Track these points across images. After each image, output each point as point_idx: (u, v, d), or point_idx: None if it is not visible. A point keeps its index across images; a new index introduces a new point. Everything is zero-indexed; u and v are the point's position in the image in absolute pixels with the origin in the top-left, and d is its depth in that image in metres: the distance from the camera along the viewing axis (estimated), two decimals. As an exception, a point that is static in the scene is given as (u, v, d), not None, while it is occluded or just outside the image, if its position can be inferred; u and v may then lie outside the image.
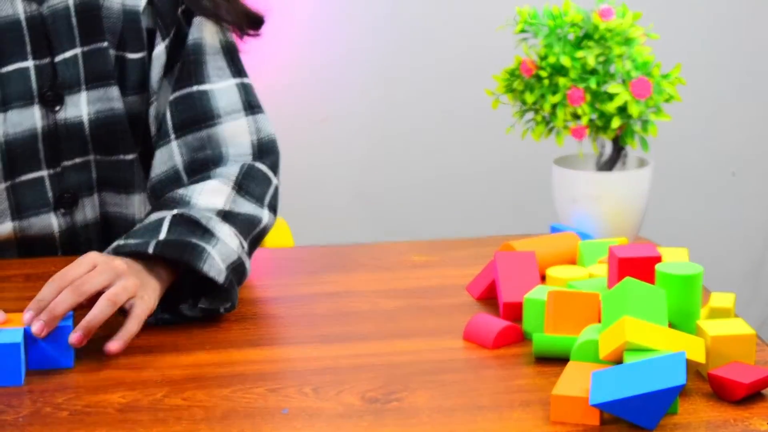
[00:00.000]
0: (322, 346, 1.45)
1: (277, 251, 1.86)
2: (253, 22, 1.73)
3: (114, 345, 1.39)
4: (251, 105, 1.69)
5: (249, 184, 1.62)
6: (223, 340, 1.47)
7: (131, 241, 1.50)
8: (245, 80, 1.70)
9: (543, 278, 1.57)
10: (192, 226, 1.53)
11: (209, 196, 1.58)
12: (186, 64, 1.67)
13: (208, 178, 1.62)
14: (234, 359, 1.42)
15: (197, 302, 1.51)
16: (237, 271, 1.52)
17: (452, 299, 1.58)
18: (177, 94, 1.67)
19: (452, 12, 2.83)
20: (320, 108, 2.80)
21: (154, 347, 1.44)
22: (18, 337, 1.35)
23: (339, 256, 1.76)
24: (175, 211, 1.55)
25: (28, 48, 1.67)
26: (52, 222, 1.72)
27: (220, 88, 1.67)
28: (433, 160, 2.90)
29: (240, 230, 1.57)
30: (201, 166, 1.64)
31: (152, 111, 1.71)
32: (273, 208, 1.65)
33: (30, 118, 1.67)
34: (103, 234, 1.75)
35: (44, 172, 1.70)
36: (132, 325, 1.41)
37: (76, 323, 1.40)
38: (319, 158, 2.79)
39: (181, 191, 1.59)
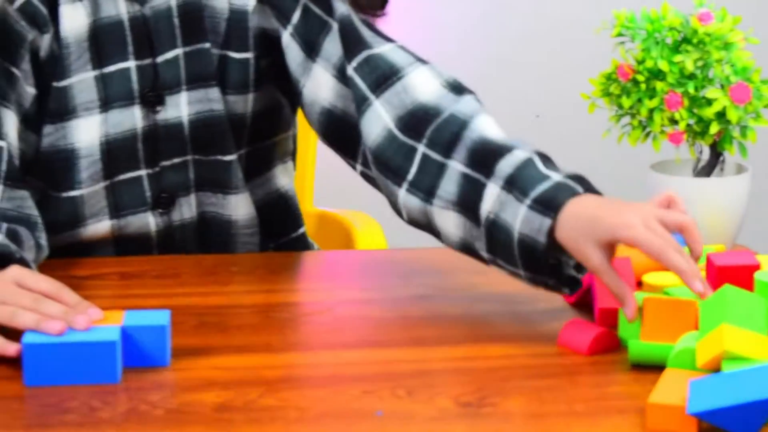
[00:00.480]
0: (416, 348, 1.45)
1: (370, 253, 1.86)
2: (378, 3, 1.71)
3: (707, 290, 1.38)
4: (418, 57, 1.66)
5: (462, 150, 1.56)
6: (316, 342, 1.47)
7: (554, 192, 1.47)
8: (399, 43, 1.68)
9: (639, 284, 1.56)
10: (545, 159, 1.53)
11: (492, 127, 1.58)
12: (346, 35, 1.64)
13: (468, 118, 1.59)
14: (328, 360, 1.42)
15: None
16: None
17: (546, 304, 1.57)
18: (358, 60, 1.64)
19: (549, 14, 2.82)
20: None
21: (247, 347, 1.44)
22: (115, 335, 1.36)
23: (432, 258, 1.76)
24: (527, 153, 1.53)
25: (131, 48, 1.68)
26: (149, 221, 1.73)
27: (388, 49, 1.65)
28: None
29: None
30: (410, 117, 1.61)
31: (305, 98, 1.68)
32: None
33: (130, 119, 1.69)
34: (199, 234, 1.76)
35: (143, 172, 1.71)
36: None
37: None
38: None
39: (480, 137, 1.56)
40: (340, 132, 1.67)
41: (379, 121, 1.62)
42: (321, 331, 1.50)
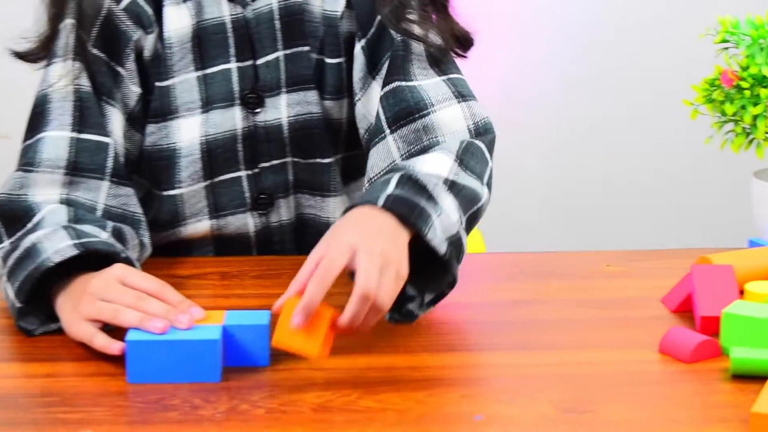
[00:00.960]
0: (515, 353, 1.45)
1: (469, 257, 1.85)
2: (461, 44, 1.70)
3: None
4: (462, 93, 1.66)
5: (469, 160, 1.58)
6: (416, 344, 1.47)
7: (362, 199, 1.47)
8: (452, 76, 1.67)
9: (741, 293, 1.54)
10: (418, 189, 1.48)
11: (433, 164, 1.54)
12: (393, 59, 1.65)
13: (427, 151, 1.59)
14: (427, 363, 1.42)
15: (422, 296, 1.48)
16: (455, 246, 1.47)
17: (647, 311, 1.56)
18: (386, 88, 1.65)
19: (652, 19, 2.80)
20: (510, 113, 2.79)
21: (347, 348, 1.44)
22: (216, 334, 1.37)
23: (531, 263, 1.76)
24: (402, 172, 1.51)
25: (232, 50, 1.69)
26: (248, 222, 1.74)
27: (428, 84, 1.65)
28: (626, 169, 2.87)
29: (461, 204, 1.52)
30: (418, 153, 1.62)
31: (358, 111, 1.70)
32: (490, 188, 1.62)
33: (231, 120, 1.70)
34: (296, 235, 1.77)
35: (242, 173, 1.72)
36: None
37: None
38: (509, 165, 2.78)
39: (403, 162, 1.57)
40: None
41: (387, 157, 1.63)
42: (421, 333, 1.50)
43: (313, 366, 1.40)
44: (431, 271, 1.48)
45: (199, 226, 1.73)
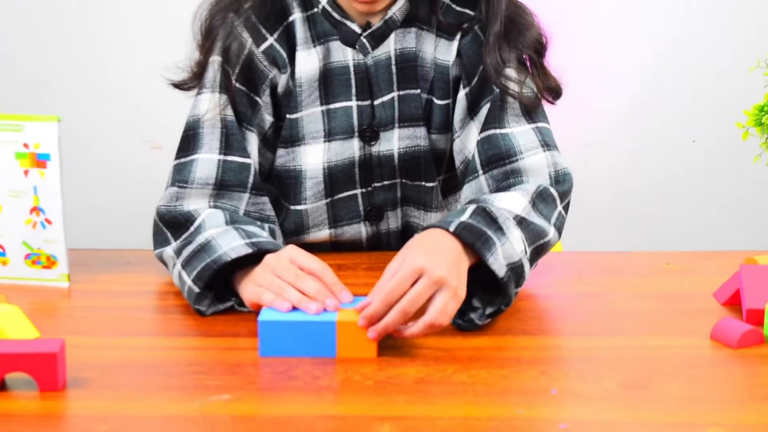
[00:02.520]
0: (586, 338, 1.46)
1: (548, 255, 1.86)
2: (552, 95, 1.71)
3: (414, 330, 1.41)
4: (547, 143, 1.67)
5: (540, 203, 1.61)
6: (501, 328, 1.48)
7: (438, 221, 1.51)
8: (540, 125, 1.68)
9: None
10: (489, 220, 1.52)
11: (509, 202, 1.57)
12: (491, 109, 1.66)
13: (508, 190, 1.63)
14: (510, 345, 1.44)
15: (484, 308, 1.50)
16: (516, 272, 1.51)
17: (700, 304, 1.56)
18: (483, 135, 1.66)
19: (707, 50, 2.78)
20: (581, 133, 2.79)
21: (443, 331, 1.46)
22: (333, 317, 1.39)
23: (601, 261, 1.76)
24: (479, 204, 1.54)
25: (353, 90, 1.70)
26: (362, 230, 1.77)
27: (519, 131, 1.66)
28: (683, 181, 2.86)
29: (527, 237, 1.55)
30: (504, 189, 1.65)
31: (456, 146, 1.71)
32: (558, 229, 1.64)
33: (350, 149, 1.72)
34: (402, 239, 1.78)
35: (357, 191, 1.74)
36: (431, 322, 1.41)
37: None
38: (582, 179, 2.78)
39: (484, 196, 1.60)
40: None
41: (479, 192, 1.65)
42: (505, 320, 1.51)
43: (415, 345, 1.42)
44: (494, 290, 1.51)
45: (320, 234, 1.76)
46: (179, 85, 1.71)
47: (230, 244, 1.53)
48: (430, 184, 1.75)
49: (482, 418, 1.24)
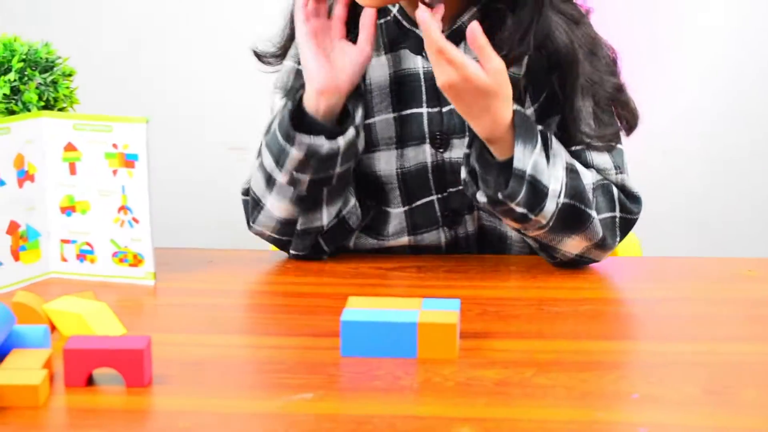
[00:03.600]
0: (666, 342, 1.44)
1: (627, 260, 1.85)
2: (628, 129, 1.71)
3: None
4: (618, 167, 1.67)
5: (599, 195, 1.62)
6: (581, 332, 1.47)
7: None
8: (616, 145, 1.68)
9: None
10: (546, 143, 1.58)
11: (578, 165, 1.62)
12: (567, 123, 1.65)
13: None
14: (590, 349, 1.42)
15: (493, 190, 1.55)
16: (534, 189, 1.56)
17: (781, 310, 1.54)
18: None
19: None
20: (659, 141, 2.77)
21: (523, 334, 1.46)
22: (414, 318, 1.39)
23: (681, 266, 1.74)
24: (553, 136, 1.60)
25: (424, 97, 1.71)
26: (440, 236, 1.76)
27: (595, 153, 1.66)
28: (766, 186, 2.82)
29: (568, 186, 1.59)
30: None
31: None
32: (605, 225, 1.64)
33: (422, 154, 1.72)
34: (479, 243, 1.78)
35: (434, 197, 1.74)
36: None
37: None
38: (662, 184, 2.76)
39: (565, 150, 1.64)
40: None
41: None
42: (584, 323, 1.50)
43: (495, 348, 1.42)
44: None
45: (400, 240, 1.76)
46: (260, 55, 1.75)
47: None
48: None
49: (562, 421, 1.23)
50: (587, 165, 1.66)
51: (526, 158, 1.54)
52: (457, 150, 1.71)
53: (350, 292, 1.49)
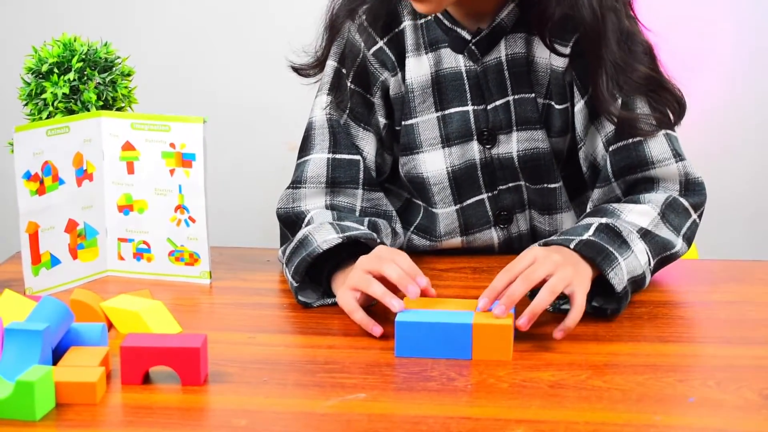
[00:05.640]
0: (724, 346, 1.42)
1: (684, 262, 1.83)
2: (675, 114, 1.67)
3: (558, 334, 1.42)
4: (678, 153, 1.65)
5: (670, 214, 1.60)
6: (637, 335, 1.46)
7: (560, 238, 1.52)
8: (670, 132, 1.66)
9: None
10: (613, 236, 1.52)
11: (637, 215, 1.58)
12: (622, 121, 1.63)
13: (639, 201, 1.61)
14: (647, 351, 1.41)
15: (593, 299, 1.51)
16: (636, 283, 1.52)
17: (841, 314, 1.52)
18: (616, 145, 1.64)
19: None
20: (714, 141, 2.74)
21: (578, 336, 1.44)
22: (469, 319, 1.38)
23: (737, 269, 1.72)
24: (603, 220, 1.55)
25: (468, 95, 1.69)
26: (493, 235, 1.75)
27: (653, 139, 1.64)
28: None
29: (652, 249, 1.56)
30: (635, 193, 1.64)
31: (582, 153, 1.69)
32: (688, 239, 1.62)
33: (470, 152, 1.71)
34: (533, 241, 1.76)
35: (484, 195, 1.73)
36: (575, 315, 1.43)
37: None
38: (716, 186, 2.73)
39: (615, 205, 1.60)
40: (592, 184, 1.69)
41: (611, 195, 1.65)
42: (640, 326, 1.48)
43: (549, 350, 1.40)
44: (610, 296, 1.51)
45: (453, 241, 1.75)
46: (298, 70, 1.75)
47: (324, 238, 1.55)
48: (553, 185, 1.72)
49: (618, 424, 1.22)
50: (646, 159, 1.63)
51: (620, 275, 1.49)
52: (505, 146, 1.70)
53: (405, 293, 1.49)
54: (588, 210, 1.66)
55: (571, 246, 1.49)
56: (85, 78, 1.69)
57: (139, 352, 1.30)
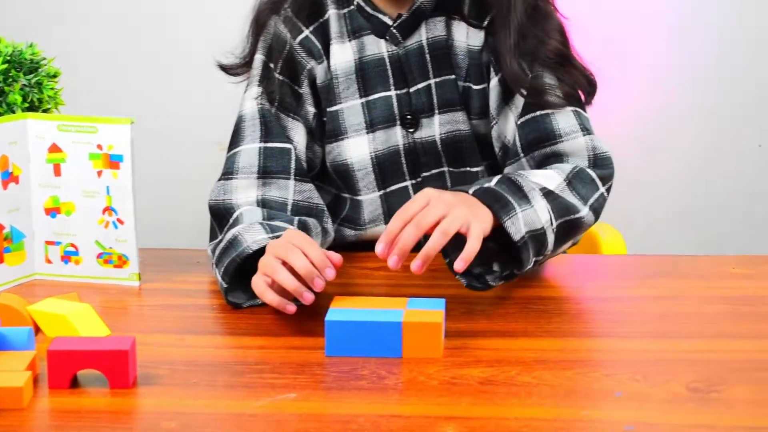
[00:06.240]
0: (652, 340, 1.44)
1: (612, 257, 1.85)
2: (585, 93, 1.71)
3: (459, 264, 1.42)
4: (586, 128, 1.68)
5: (577, 183, 1.62)
6: (566, 330, 1.47)
7: (459, 187, 1.54)
8: (580, 110, 1.69)
9: None
10: (514, 188, 1.54)
11: (542, 178, 1.59)
12: (531, 92, 1.66)
13: (546, 168, 1.64)
14: (575, 347, 1.42)
15: (501, 271, 1.52)
16: (536, 239, 1.51)
17: (767, 308, 1.54)
18: (523, 118, 1.67)
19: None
20: (644, 136, 2.76)
21: (508, 332, 1.45)
22: (399, 318, 1.39)
23: (665, 264, 1.74)
24: (506, 175, 1.57)
25: (390, 80, 1.73)
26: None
27: (560, 113, 1.67)
28: (748, 185, 2.82)
29: (555, 209, 1.56)
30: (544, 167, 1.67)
31: (494, 132, 1.72)
32: (595, 210, 1.63)
33: (394, 137, 1.73)
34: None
35: (408, 183, 1.75)
36: (473, 244, 1.43)
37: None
38: (647, 182, 2.76)
39: (521, 171, 1.63)
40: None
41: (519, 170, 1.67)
42: (569, 322, 1.50)
43: (480, 346, 1.41)
44: (513, 256, 1.52)
45: (378, 229, 1.76)
46: (226, 69, 1.77)
47: (254, 238, 1.54)
48: (476, 169, 1.75)
49: (547, 419, 1.23)
50: (553, 132, 1.66)
51: (517, 225, 1.50)
52: (427, 129, 1.73)
53: (335, 292, 1.49)
54: None
55: (470, 192, 1.50)
56: (10, 80, 1.67)
57: (66, 356, 1.29)
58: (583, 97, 1.70)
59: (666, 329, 1.47)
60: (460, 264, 1.42)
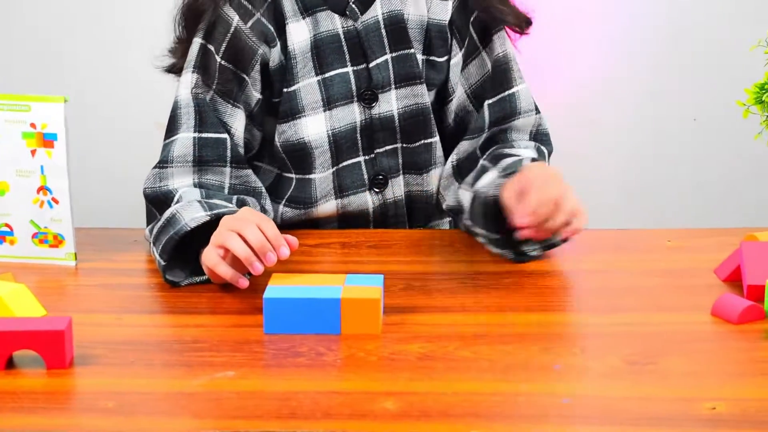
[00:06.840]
0: (590, 314, 1.45)
1: (550, 233, 1.86)
2: (526, 24, 1.77)
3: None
4: (536, 107, 1.77)
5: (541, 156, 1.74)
6: (504, 305, 1.48)
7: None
8: (528, 86, 1.78)
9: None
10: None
11: (530, 152, 1.70)
12: (498, 73, 1.74)
13: (517, 147, 1.72)
14: (513, 321, 1.43)
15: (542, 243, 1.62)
16: None
17: (701, 280, 1.55)
18: (495, 98, 1.75)
19: (711, 31, 2.77)
20: (585, 112, 2.78)
21: (447, 308, 1.46)
22: (337, 294, 1.39)
23: (604, 238, 1.75)
24: (529, 155, 1.68)
25: (347, 57, 1.72)
26: (368, 200, 1.76)
27: (521, 89, 1.76)
28: (684, 159, 2.84)
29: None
30: (492, 144, 1.75)
31: (452, 106, 1.77)
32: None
33: (351, 114, 1.72)
34: (407, 209, 1.79)
35: (361, 158, 1.75)
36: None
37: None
38: (586, 157, 2.77)
39: (506, 151, 1.70)
40: (456, 135, 1.78)
41: (475, 148, 1.74)
42: (508, 296, 1.50)
43: (419, 322, 1.41)
44: None
45: (327, 206, 1.76)
46: (171, 71, 1.76)
47: (192, 215, 1.54)
48: (431, 140, 1.76)
49: (485, 394, 1.23)
50: (515, 110, 1.74)
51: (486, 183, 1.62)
52: (385, 104, 1.73)
53: (274, 270, 1.48)
54: (455, 172, 1.75)
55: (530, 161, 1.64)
56: (-59, 58, 1.65)
57: (1, 337, 1.28)
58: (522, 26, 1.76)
59: (604, 303, 1.48)
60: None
